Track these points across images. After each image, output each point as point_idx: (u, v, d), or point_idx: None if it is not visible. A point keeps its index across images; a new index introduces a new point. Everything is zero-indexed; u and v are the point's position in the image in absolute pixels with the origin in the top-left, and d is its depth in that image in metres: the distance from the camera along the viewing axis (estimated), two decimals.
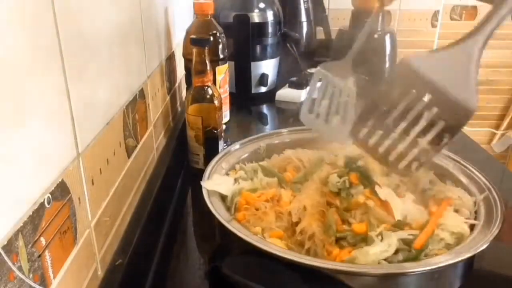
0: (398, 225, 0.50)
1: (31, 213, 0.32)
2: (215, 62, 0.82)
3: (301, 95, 1.13)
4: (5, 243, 0.29)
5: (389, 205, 0.51)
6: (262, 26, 1.11)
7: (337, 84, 0.63)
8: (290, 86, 1.15)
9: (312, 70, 1.26)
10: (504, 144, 1.85)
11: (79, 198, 0.41)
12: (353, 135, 0.51)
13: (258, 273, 0.44)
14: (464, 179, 0.60)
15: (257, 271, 0.45)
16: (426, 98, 0.44)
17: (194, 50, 0.72)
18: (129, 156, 0.57)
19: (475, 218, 0.53)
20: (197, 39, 0.72)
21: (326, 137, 0.65)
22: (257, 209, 0.54)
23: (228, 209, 0.55)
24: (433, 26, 1.68)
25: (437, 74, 0.42)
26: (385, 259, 0.46)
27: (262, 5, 1.12)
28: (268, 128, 1.05)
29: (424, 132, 0.45)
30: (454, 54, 0.42)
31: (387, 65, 1.28)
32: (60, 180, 0.37)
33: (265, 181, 0.59)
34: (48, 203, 0.35)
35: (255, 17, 1.10)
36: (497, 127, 1.85)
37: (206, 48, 0.72)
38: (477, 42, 0.42)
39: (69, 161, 0.39)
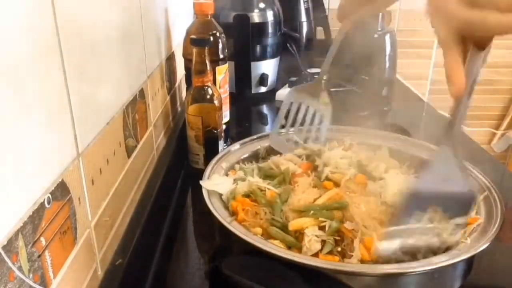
0: None
1: (31, 213, 0.32)
2: (215, 62, 0.82)
3: None
4: (5, 243, 0.29)
5: None
6: (262, 26, 1.11)
7: (310, 103, 0.69)
8: (290, 86, 1.15)
9: (313, 70, 1.26)
10: (504, 144, 1.85)
11: (79, 198, 0.41)
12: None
13: (258, 273, 0.44)
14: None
15: (257, 271, 0.45)
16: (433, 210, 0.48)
17: (194, 50, 0.72)
18: (129, 156, 0.57)
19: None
20: (197, 39, 0.72)
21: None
22: (256, 213, 0.53)
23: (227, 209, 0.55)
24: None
25: (437, 186, 0.48)
26: None
27: (262, 5, 1.12)
28: (268, 128, 1.05)
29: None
30: (439, 165, 0.48)
31: (388, 65, 1.28)
32: (60, 180, 0.37)
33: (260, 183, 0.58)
34: (48, 203, 0.35)
35: (255, 17, 1.10)
36: (497, 127, 1.86)
37: (206, 48, 0.72)
38: (450, 148, 0.48)
39: (69, 161, 0.39)
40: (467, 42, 0.41)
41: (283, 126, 0.70)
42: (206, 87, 0.73)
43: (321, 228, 0.49)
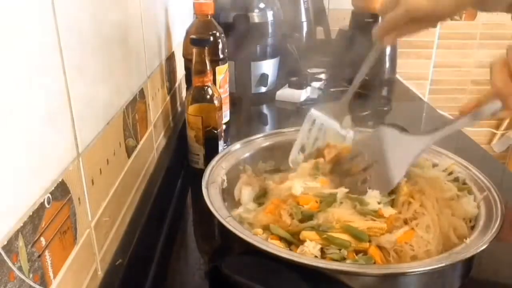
0: None
1: (31, 213, 0.32)
2: (215, 62, 0.82)
3: (301, 95, 1.13)
4: (5, 243, 0.29)
5: None
6: (262, 26, 1.11)
7: (331, 125, 0.66)
8: (290, 86, 1.15)
9: (313, 70, 1.26)
10: (504, 144, 1.85)
11: (79, 198, 0.41)
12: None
13: (258, 273, 0.44)
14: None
15: (257, 271, 0.45)
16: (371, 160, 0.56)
17: (194, 50, 0.72)
18: (129, 156, 0.57)
19: (476, 218, 0.53)
20: (197, 39, 0.72)
21: None
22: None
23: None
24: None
25: (391, 150, 0.54)
26: None
27: (262, 5, 1.12)
28: (268, 128, 1.05)
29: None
30: (410, 143, 0.53)
31: (387, 65, 1.28)
32: (60, 180, 0.37)
33: None
34: (48, 203, 0.35)
35: (255, 17, 1.10)
36: (497, 127, 1.85)
37: (206, 48, 0.72)
38: (425, 143, 0.52)
39: (69, 161, 0.39)
40: None
41: (303, 148, 0.67)
42: (206, 87, 0.73)
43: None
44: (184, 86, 0.95)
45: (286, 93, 1.14)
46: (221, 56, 0.84)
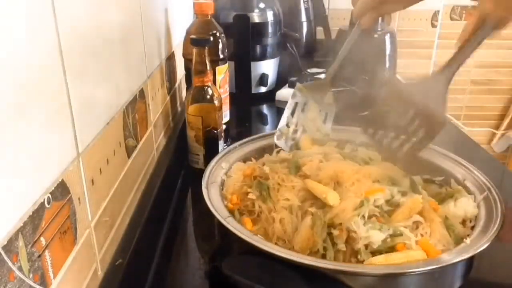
0: None
1: (31, 213, 0.32)
2: (215, 62, 0.82)
3: None
4: (5, 243, 0.29)
5: None
6: (262, 26, 1.11)
7: (316, 101, 0.70)
8: (290, 86, 1.15)
9: (313, 70, 1.26)
10: (504, 144, 1.85)
11: (79, 198, 0.41)
12: (364, 131, 0.64)
13: (258, 273, 0.44)
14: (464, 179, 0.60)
15: (257, 271, 0.45)
16: (411, 112, 0.58)
17: (194, 50, 0.72)
18: (129, 156, 0.57)
19: (476, 218, 0.53)
20: (197, 39, 0.72)
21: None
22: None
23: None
24: (433, 26, 1.68)
25: (417, 97, 0.58)
26: None
27: (262, 5, 1.12)
28: (268, 128, 1.05)
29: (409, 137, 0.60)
30: (431, 84, 0.57)
31: (388, 65, 1.28)
32: (60, 180, 0.37)
33: None
34: (48, 203, 0.35)
35: (255, 17, 1.10)
36: (497, 127, 1.85)
37: (206, 48, 0.72)
38: (447, 77, 0.57)
39: (69, 161, 0.39)
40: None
41: (287, 125, 0.70)
42: (206, 87, 0.73)
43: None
44: (184, 86, 0.95)
45: (286, 93, 1.14)
46: (221, 56, 0.84)
